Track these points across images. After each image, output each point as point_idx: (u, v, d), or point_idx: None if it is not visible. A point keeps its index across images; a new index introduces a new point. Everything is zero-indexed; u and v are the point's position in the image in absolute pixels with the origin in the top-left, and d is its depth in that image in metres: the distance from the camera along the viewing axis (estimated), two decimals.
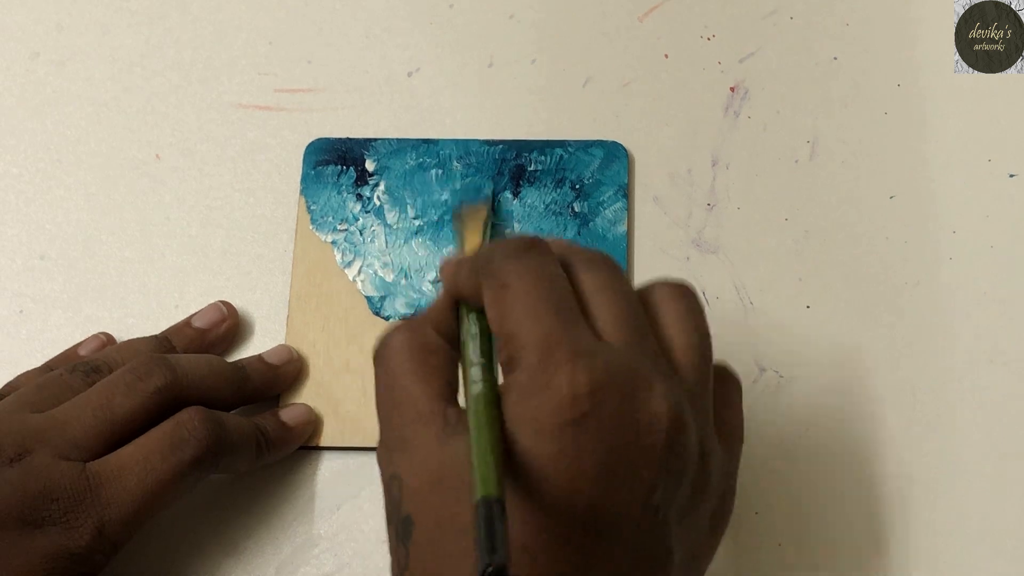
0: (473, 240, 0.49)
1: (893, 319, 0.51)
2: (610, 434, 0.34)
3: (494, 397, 0.35)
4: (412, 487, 0.35)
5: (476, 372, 0.36)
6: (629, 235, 0.52)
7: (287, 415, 0.48)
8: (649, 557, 0.35)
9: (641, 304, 0.37)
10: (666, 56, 0.56)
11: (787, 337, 0.51)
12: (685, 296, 0.38)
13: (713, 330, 0.50)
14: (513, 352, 0.35)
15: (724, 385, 0.40)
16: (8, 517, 0.41)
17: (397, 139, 0.54)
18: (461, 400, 0.36)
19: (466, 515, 0.32)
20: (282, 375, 0.49)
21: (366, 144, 0.54)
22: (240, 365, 0.48)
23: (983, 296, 0.51)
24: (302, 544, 0.48)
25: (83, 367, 0.46)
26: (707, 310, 0.51)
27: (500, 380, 0.36)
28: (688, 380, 0.37)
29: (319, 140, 0.54)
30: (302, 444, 0.49)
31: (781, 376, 0.50)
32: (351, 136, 0.54)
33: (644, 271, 0.52)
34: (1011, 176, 0.53)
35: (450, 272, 0.39)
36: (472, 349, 0.37)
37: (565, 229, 0.52)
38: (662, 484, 0.34)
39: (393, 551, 0.36)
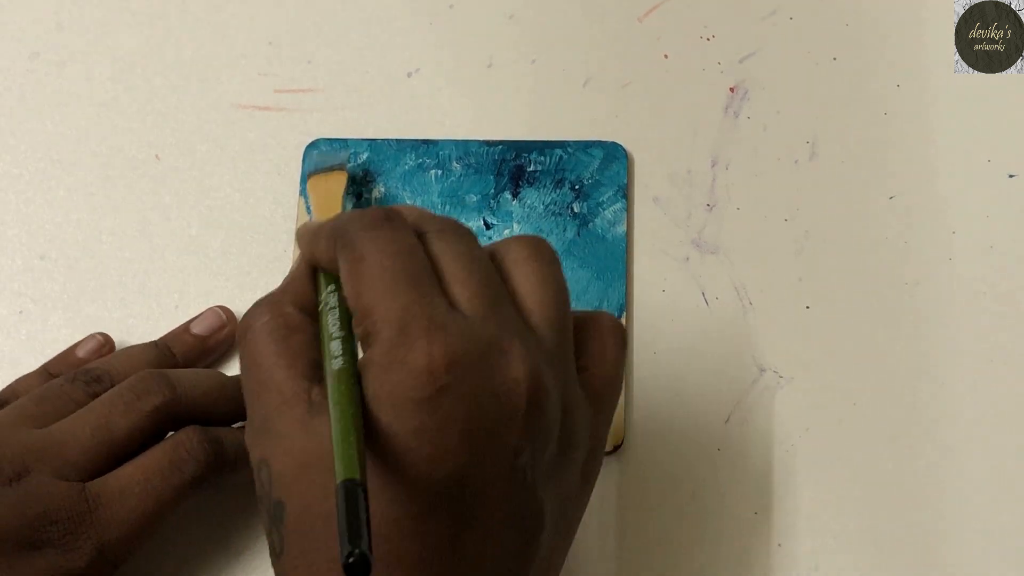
0: (330, 205, 0.48)
1: (893, 319, 0.51)
2: (470, 405, 0.34)
3: (354, 373, 0.34)
4: (280, 472, 0.35)
5: (336, 346, 0.35)
6: (629, 235, 0.52)
7: None
8: (520, 517, 0.35)
9: (495, 269, 0.37)
10: (666, 56, 0.56)
11: (787, 337, 0.51)
12: (539, 252, 0.38)
13: (713, 330, 0.51)
14: (370, 327, 0.34)
15: (601, 337, 0.39)
16: (7, 539, 0.40)
17: (396, 139, 0.54)
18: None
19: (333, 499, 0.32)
20: None
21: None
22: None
23: (983, 296, 0.51)
24: None
25: (84, 376, 0.46)
26: (707, 310, 0.51)
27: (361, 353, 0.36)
28: (546, 339, 0.36)
29: (319, 140, 0.54)
30: None
31: (781, 376, 0.50)
32: (351, 136, 0.54)
33: (644, 271, 0.52)
34: (1011, 176, 0.53)
35: (307, 240, 0.38)
36: (331, 321, 0.36)
37: (565, 230, 0.52)
38: (527, 447, 0.35)
39: (268, 535, 0.36)
